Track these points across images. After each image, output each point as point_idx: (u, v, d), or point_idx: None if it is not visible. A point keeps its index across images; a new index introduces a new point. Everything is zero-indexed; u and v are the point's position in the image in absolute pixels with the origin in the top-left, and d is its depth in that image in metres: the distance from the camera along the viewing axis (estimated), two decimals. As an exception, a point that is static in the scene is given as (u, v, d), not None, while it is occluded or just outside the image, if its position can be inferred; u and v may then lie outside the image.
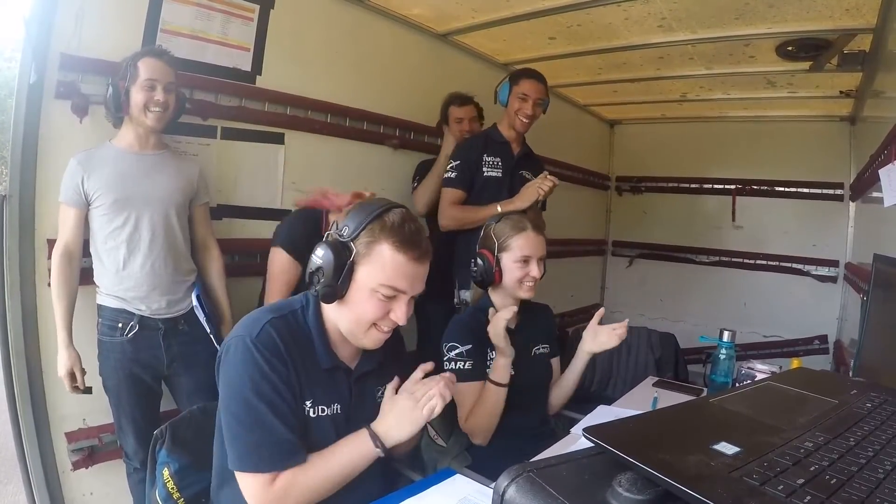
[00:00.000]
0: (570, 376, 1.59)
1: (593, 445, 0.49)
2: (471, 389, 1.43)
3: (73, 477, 1.65)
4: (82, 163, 1.49)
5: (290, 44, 2.07)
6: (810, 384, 0.72)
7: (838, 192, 3.47)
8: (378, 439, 0.97)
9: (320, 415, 1.00)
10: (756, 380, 1.22)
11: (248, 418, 0.91)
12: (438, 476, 1.09)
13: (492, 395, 1.40)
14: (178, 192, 1.63)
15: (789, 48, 2.42)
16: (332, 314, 1.02)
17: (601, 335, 1.52)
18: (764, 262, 3.78)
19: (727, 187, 3.90)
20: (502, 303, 1.54)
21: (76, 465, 1.64)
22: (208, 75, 1.87)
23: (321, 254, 0.96)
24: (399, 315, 0.99)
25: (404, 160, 2.50)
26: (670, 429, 0.55)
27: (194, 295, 1.66)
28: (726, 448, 0.47)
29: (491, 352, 1.48)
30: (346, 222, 0.98)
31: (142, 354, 1.57)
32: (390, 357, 1.14)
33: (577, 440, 1.29)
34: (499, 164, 2.18)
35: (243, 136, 1.99)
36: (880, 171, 1.60)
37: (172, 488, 1.06)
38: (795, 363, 1.47)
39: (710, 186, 4.00)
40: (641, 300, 4.31)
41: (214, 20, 1.86)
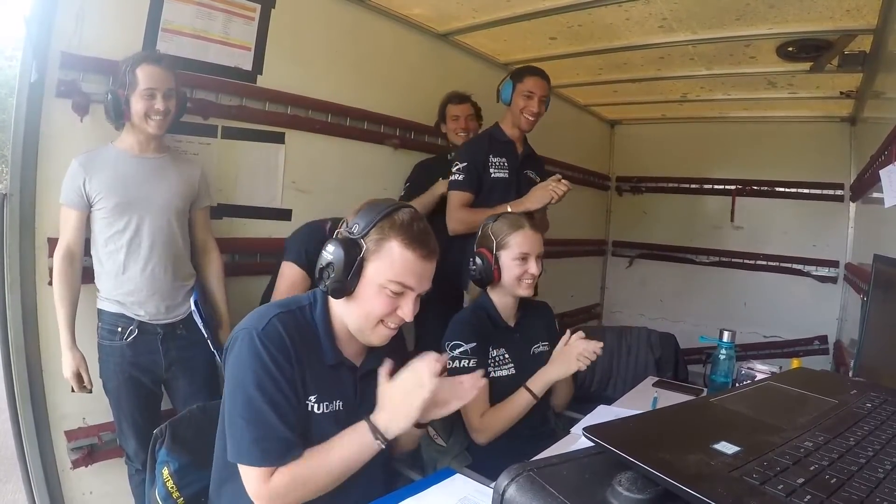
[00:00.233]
0: (559, 388, 1.57)
1: (593, 445, 0.49)
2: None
3: (73, 475, 1.65)
4: (84, 165, 1.49)
5: (291, 43, 2.07)
6: (810, 384, 0.72)
7: (838, 192, 3.47)
8: (378, 432, 0.96)
9: (325, 411, 1.01)
10: (756, 380, 1.22)
11: (249, 412, 0.93)
12: (438, 476, 1.10)
13: (521, 402, 1.42)
14: (179, 197, 1.63)
15: (790, 49, 2.42)
16: (340, 311, 1.03)
17: (567, 359, 1.42)
18: (764, 263, 3.78)
19: (727, 187, 3.90)
20: (502, 301, 1.54)
21: (76, 464, 1.64)
22: (209, 74, 1.87)
23: (332, 250, 0.98)
24: (406, 311, 1.00)
25: (404, 160, 2.49)
26: (670, 428, 0.55)
27: (192, 300, 1.66)
28: (726, 447, 0.47)
29: (491, 350, 1.48)
30: (356, 220, 1.00)
31: (141, 358, 1.57)
32: (396, 356, 1.14)
33: (577, 440, 1.29)
34: (505, 164, 2.13)
35: (244, 135, 1.99)
36: (881, 172, 1.60)
37: (172, 487, 1.06)
38: (795, 363, 1.47)
39: (711, 187, 4.00)
40: (641, 300, 4.31)
41: (216, 19, 1.86)
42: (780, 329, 3.68)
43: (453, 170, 2.10)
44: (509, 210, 1.89)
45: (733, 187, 3.87)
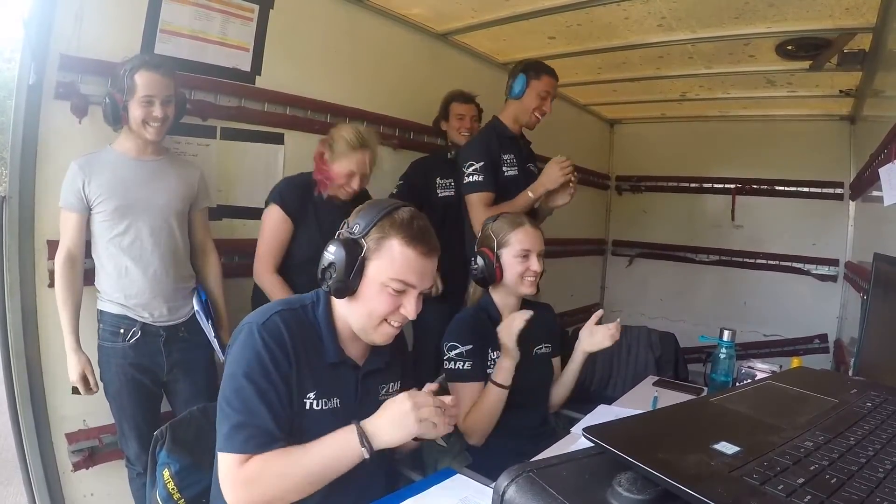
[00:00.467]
0: (569, 375, 1.60)
1: (593, 445, 0.49)
2: (470, 390, 1.43)
3: (74, 478, 1.65)
4: (83, 167, 1.49)
5: (289, 44, 2.07)
6: (810, 383, 0.72)
7: (838, 191, 3.47)
8: (365, 438, 0.92)
9: (323, 408, 1.01)
10: (756, 379, 1.22)
11: (236, 401, 0.92)
12: (438, 476, 1.10)
13: (492, 396, 1.40)
14: (179, 199, 1.62)
15: (789, 47, 2.42)
16: (342, 310, 1.04)
17: (597, 335, 1.53)
18: (764, 262, 3.78)
19: (727, 186, 3.90)
20: (504, 301, 1.54)
21: (77, 466, 1.64)
22: (208, 75, 1.87)
23: (333, 250, 0.99)
24: (409, 309, 1.01)
25: (404, 160, 2.49)
26: (670, 428, 0.55)
27: (200, 299, 1.67)
28: (726, 447, 0.47)
29: (492, 352, 1.48)
30: (357, 220, 1.01)
31: (143, 360, 1.57)
32: (397, 357, 1.15)
33: (577, 440, 1.29)
34: (514, 160, 2.06)
35: (243, 136, 1.99)
36: (880, 170, 1.60)
37: (173, 489, 1.06)
38: (795, 362, 1.47)
39: (710, 186, 4.00)
40: (641, 299, 4.31)
41: (214, 20, 1.86)
42: (780, 328, 3.68)
43: (468, 171, 1.98)
44: (530, 195, 1.91)
45: (733, 186, 3.87)
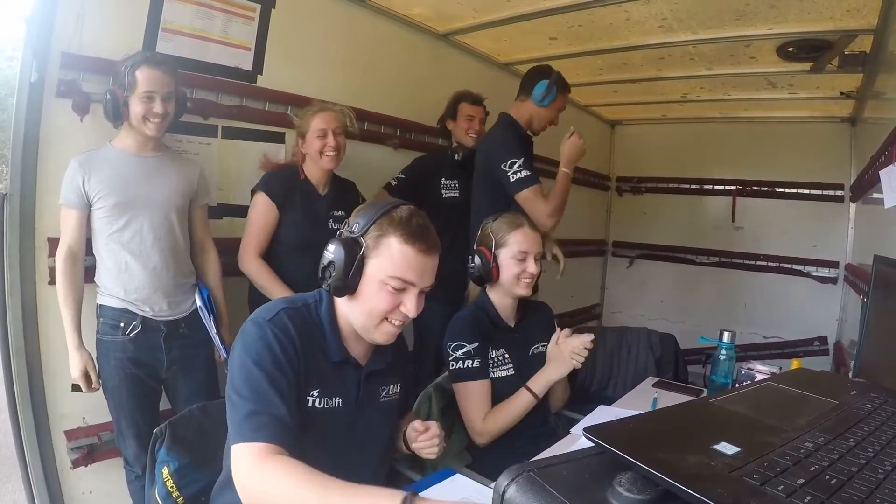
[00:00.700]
0: (556, 390, 1.57)
1: (593, 445, 0.49)
2: (480, 389, 1.43)
3: (73, 475, 1.65)
4: (83, 164, 1.49)
5: (290, 43, 2.07)
6: (810, 385, 0.72)
7: (839, 193, 3.47)
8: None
9: (325, 406, 1.01)
10: (756, 380, 1.22)
11: (246, 388, 0.91)
12: (438, 476, 1.10)
13: (523, 402, 1.42)
14: (179, 195, 1.62)
15: (790, 49, 2.42)
16: (344, 309, 1.04)
17: (563, 354, 1.43)
18: (764, 263, 3.78)
19: (728, 188, 3.90)
20: (501, 301, 1.54)
21: (76, 464, 1.64)
22: (209, 74, 1.87)
23: (332, 249, 0.99)
24: (409, 307, 1.00)
25: (405, 160, 2.49)
26: (670, 429, 0.56)
27: (203, 296, 1.67)
28: (726, 448, 0.47)
29: (492, 351, 1.48)
30: (356, 220, 1.02)
31: (142, 355, 1.57)
32: (397, 358, 1.15)
33: (577, 440, 1.29)
34: (532, 158, 2.11)
35: (244, 135, 1.99)
36: (881, 173, 1.60)
37: (172, 487, 1.06)
38: (795, 364, 1.47)
39: (711, 187, 4.00)
40: (641, 301, 4.31)
41: (215, 19, 1.86)
42: (780, 330, 3.68)
43: (513, 169, 1.93)
44: (566, 171, 1.97)
45: (733, 188, 3.87)
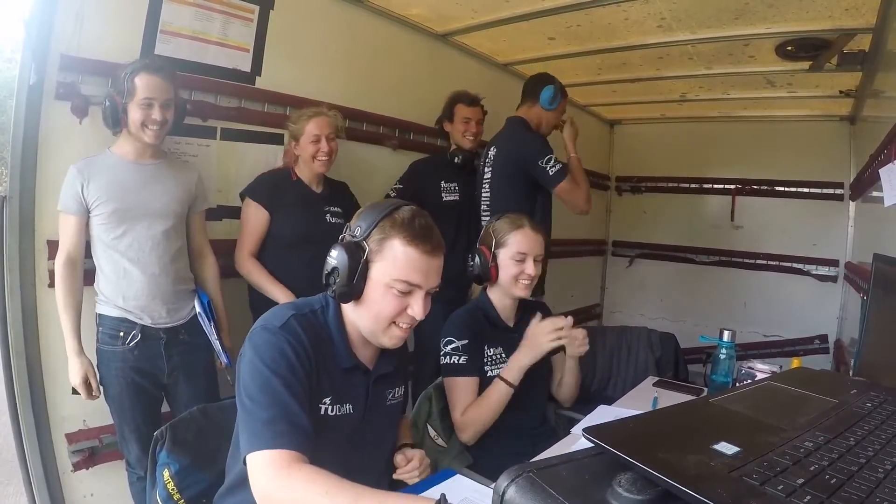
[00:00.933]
0: (570, 374, 1.62)
1: (593, 445, 0.49)
2: (465, 384, 1.43)
3: (74, 478, 1.65)
4: (82, 170, 1.49)
5: (289, 45, 2.07)
6: (810, 384, 0.72)
7: (838, 191, 3.47)
8: None
9: (337, 413, 1.00)
10: (756, 379, 1.22)
11: (263, 395, 0.88)
12: (438, 476, 1.10)
13: (498, 393, 1.40)
14: (177, 203, 1.62)
15: (789, 48, 2.41)
16: (351, 315, 1.02)
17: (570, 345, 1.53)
18: (764, 262, 3.78)
19: (727, 187, 3.90)
20: (501, 301, 1.54)
21: (77, 467, 1.64)
22: (208, 76, 1.87)
23: (335, 255, 0.98)
24: (416, 310, 0.99)
25: (404, 161, 2.49)
26: (670, 429, 0.55)
27: (202, 302, 1.66)
28: (726, 448, 0.47)
29: (488, 348, 1.48)
30: (358, 223, 1.00)
31: (143, 363, 1.57)
32: (403, 360, 1.14)
33: (577, 440, 1.29)
34: None
35: (243, 136, 1.99)
36: (880, 171, 1.60)
37: (173, 489, 1.06)
38: (795, 363, 1.47)
39: (710, 186, 4.00)
40: (641, 300, 4.31)
41: (214, 21, 1.86)
42: (780, 328, 3.68)
43: (550, 164, 2.09)
44: (575, 155, 2.23)
45: (733, 187, 3.86)
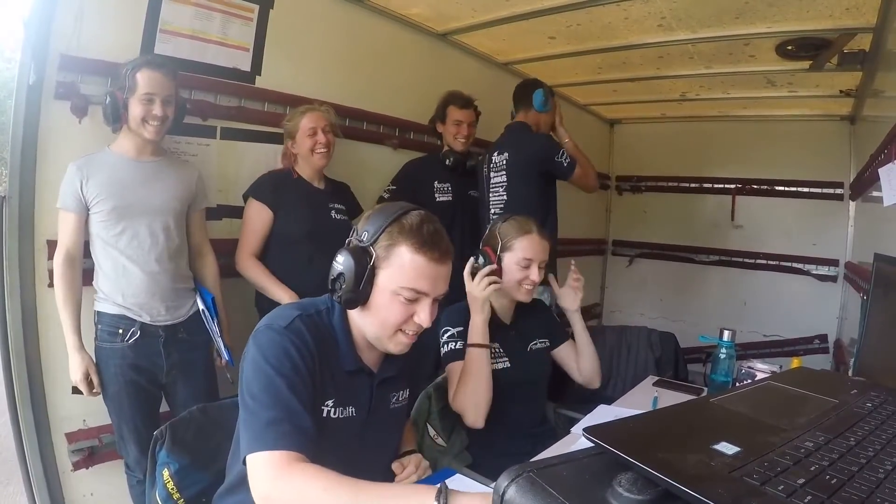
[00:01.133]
0: (581, 340, 1.64)
1: (593, 445, 0.49)
2: (460, 368, 1.42)
3: (74, 477, 1.65)
4: (81, 168, 1.49)
5: (289, 44, 2.07)
6: (810, 384, 0.72)
7: (838, 191, 3.46)
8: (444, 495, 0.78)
9: (339, 416, 0.99)
10: (756, 379, 1.22)
11: (266, 395, 0.87)
12: (438, 476, 1.09)
13: (473, 359, 1.38)
14: (177, 200, 1.62)
15: (789, 47, 2.41)
16: (357, 319, 1.01)
17: (567, 294, 1.66)
18: (764, 262, 3.78)
19: (727, 186, 3.89)
20: (497, 301, 1.54)
21: (76, 466, 1.64)
22: (208, 75, 1.86)
23: (341, 260, 0.96)
24: (423, 318, 0.97)
25: (404, 160, 2.49)
26: (670, 429, 0.55)
27: (208, 300, 1.66)
28: (726, 448, 0.47)
29: None
30: (365, 227, 0.97)
31: (142, 361, 1.57)
32: (409, 363, 1.12)
33: (577, 440, 1.29)
34: None
35: (243, 136, 1.99)
36: (880, 171, 1.60)
37: (172, 489, 1.05)
38: (795, 362, 1.47)
39: (710, 186, 3.99)
40: (641, 300, 4.31)
41: (214, 20, 1.86)
42: (780, 328, 3.68)
43: (563, 157, 2.23)
44: (567, 141, 2.34)
45: (733, 186, 3.86)
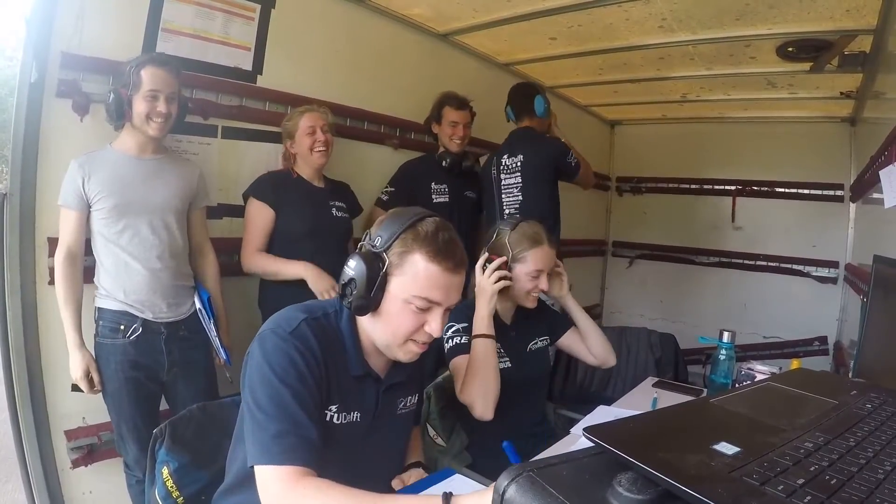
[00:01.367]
0: (582, 323, 1.66)
1: (593, 445, 0.49)
2: (465, 362, 1.43)
3: (73, 475, 1.65)
4: (83, 165, 1.49)
5: (290, 43, 2.07)
6: (810, 385, 0.72)
7: (838, 193, 3.47)
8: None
9: (343, 421, 0.98)
10: (756, 380, 1.22)
11: (272, 406, 0.86)
12: (438, 476, 1.09)
13: (479, 350, 1.39)
14: (178, 198, 1.62)
15: (790, 49, 2.41)
16: (366, 325, 1.00)
17: (552, 282, 1.63)
18: (764, 263, 3.78)
19: (727, 188, 3.90)
20: (502, 305, 1.54)
21: (76, 464, 1.64)
22: (209, 75, 1.87)
23: (353, 265, 0.94)
24: (434, 328, 0.95)
25: (404, 160, 2.49)
26: (670, 429, 0.55)
27: (204, 298, 1.66)
28: (726, 448, 0.47)
29: None
30: (378, 232, 0.95)
31: (143, 358, 1.57)
32: (417, 368, 1.12)
33: (577, 440, 1.29)
34: None
35: (244, 135, 1.99)
36: (881, 173, 1.60)
37: (172, 487, 1.05)
38: (795, 364, 1.47)
39: (711, 187, 4.00)
40: (641, 301, 4.31)
41: (216, 19, 1.86)
42: (779, 330, 3.68)
43: (572, 158, 2.36)
44: (564, 140, 2.45)
45: (733, 188, 3.86)
